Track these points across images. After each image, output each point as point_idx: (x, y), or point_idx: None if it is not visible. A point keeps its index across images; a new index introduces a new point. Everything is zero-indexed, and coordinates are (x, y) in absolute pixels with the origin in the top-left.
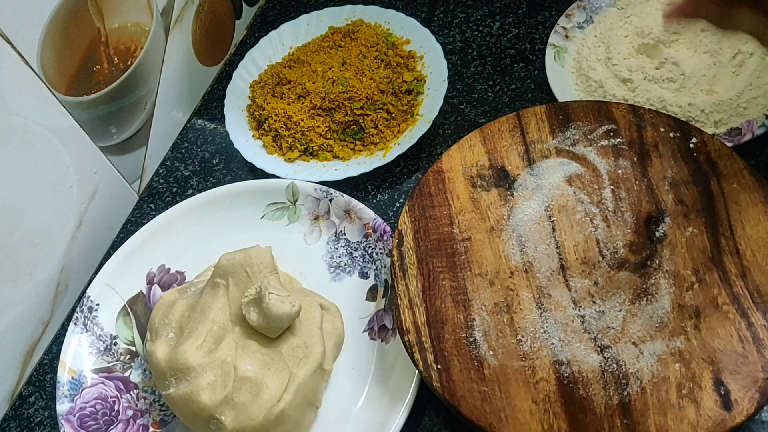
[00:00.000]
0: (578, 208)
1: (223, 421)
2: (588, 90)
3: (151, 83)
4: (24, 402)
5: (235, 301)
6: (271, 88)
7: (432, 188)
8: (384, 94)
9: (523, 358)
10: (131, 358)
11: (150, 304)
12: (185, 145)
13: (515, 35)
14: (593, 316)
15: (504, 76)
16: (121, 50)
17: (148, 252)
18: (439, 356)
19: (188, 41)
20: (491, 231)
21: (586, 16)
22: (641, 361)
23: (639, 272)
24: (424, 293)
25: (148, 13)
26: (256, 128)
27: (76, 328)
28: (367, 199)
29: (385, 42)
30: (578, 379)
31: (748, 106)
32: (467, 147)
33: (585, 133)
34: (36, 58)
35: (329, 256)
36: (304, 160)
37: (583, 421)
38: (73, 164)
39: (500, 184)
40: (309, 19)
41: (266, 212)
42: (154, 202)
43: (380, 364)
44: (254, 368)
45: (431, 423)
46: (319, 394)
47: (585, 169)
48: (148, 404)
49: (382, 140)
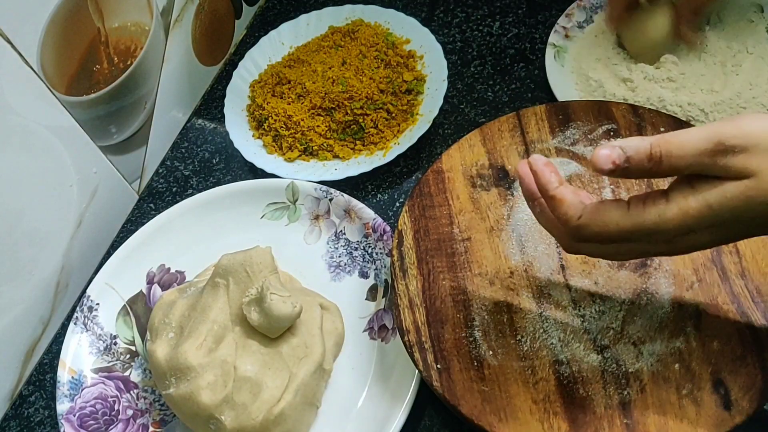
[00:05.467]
0: None
1: (223, 420)
2: (588, 89)
3: (151, 83)
4: (24, 401)
5: (236, 300)
6: (271, 87)
7: (432, 188)
8: (384, 94)
9: (522, 357)
10: (131, 357)
11: (150, 303)
12: (185, 145)
13: (515, 35)
14: (593, 316)
15: (504, 76)
16: (121, 50)
17: (148, 252)
18: (439, 356)
19: (188, 41)
20: (491, 231)
21: (586, 15)
22: (641, 361)
23: (639, 272)
24: (424, 293)
25: (148, 13)
26: (256, 128)
27: (76, 327)
28: (367, 199)
29: (385, 42)
30: (578, 378)
31: (748, 105)
32: (467, 147)
33: (585, 132)
34: (36, 57)
35: (329, 255)
36: (304, 160)
37: (582, 421)
38: (73, 164)
39: (500, 184)
40: (309, 19)
41: (266, 212)
42: (154, 201)
43: (380, 363)
44: (254, 368)
45: (431, 423)
46: (319, 394)
47: (585, 168)
48: (148, 404)
49: (382, 140)
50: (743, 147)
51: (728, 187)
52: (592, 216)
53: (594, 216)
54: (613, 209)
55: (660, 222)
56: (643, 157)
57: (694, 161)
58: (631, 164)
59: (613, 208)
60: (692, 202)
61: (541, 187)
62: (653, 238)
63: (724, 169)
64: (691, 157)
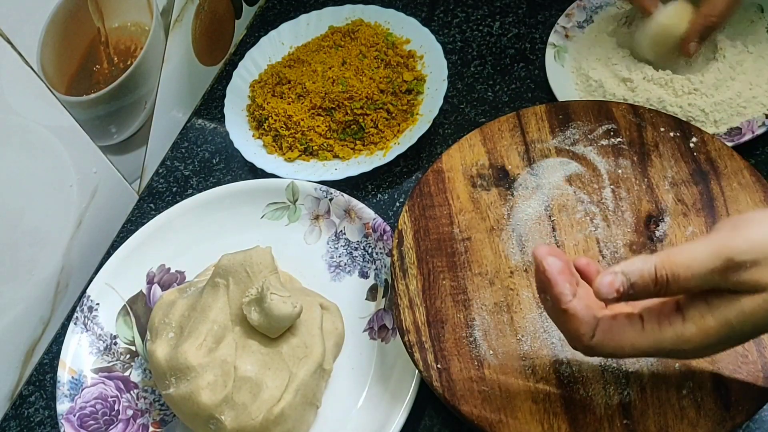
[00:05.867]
0: (578, 207)
1: (223, 420)
2: (588, 89)
3: (151, 83)
4: (24, 401)
5: (236, 300)
6: (271, 87)
7: (432, 188)
8: (384, 94)
9: (523, 357)
10: (131, 357)
11: (150, 303)
12: (185, 145)
13: (515, 35)
14: None
15: (504, 76)
16: (121, 50)
17: (148, 252)
18: (439, 356)
19: (188, 41)
20: (491, 230)
21: (586, 15)
22: (641, 361)
23: None
24: (424, 293)
25: (148, 13)
26: (256, 128)
27: (76, 327)
28: (367, 199)
29: (385, 41)
30: (578, 378)
31: (748, 105)
32: (467, 146)
33: (585, 132)
34: (36, 57)
35: (329, 255)
36: (304, 160)
37: (583, 421)
38: (73, 164)
39: (500, 184)
40: (309, 19)
41: (266, 212)
42: (154, 201)
43: (380, 364)
44: (254, 368)
45: (431, 423)
46: (319, 394)
47: (585, 168)
48: (148, 404)
49: (382, 140)
50: (754, 261)
51: (746, 302)
52: (606, 336)
53: (608, 336)
54: (627, 328)
55: (679, 342)
56: (648, 282)
57: (703, 281)
58: (635, 290)
59: (628, 327)
60: (711, 322)
61: (554, 297)
62: (671, 355)
63: (738, 285)
64: (699, 277)
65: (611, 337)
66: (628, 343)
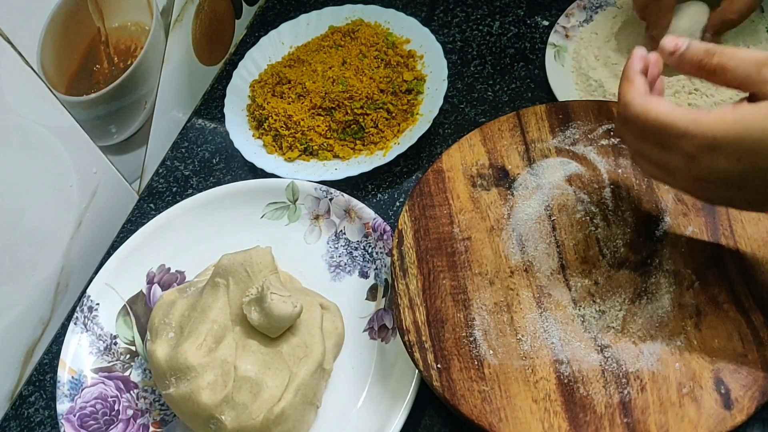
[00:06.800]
0: (578, 207)
1: (223, 420)
2: (588, 89)
3: (151, 83)
4: (24, 401)
5: (236, 300)
6: (271, 87)
7: (432, 188)
8: (384, 94)
9: (523, 357)
10: (131, 357)
11: (150, 303)
12: (185, 145)
13: (515, 34)
14: (593, 316)
15: (504, 76)
16: (121, 50)
17: (148, 252)
18: (439, 355)
19: (188, 41)
20: (491, 230)
21: (586, 15)
22: (641, 361)
23: (639, 271)
24: (424, 292)
25: (148, 13)
26: (256, 128)
27: (76, 327)
28: (367, 199)
29: (385, 41)
30: (578, 378)
31: None
32: (467, 146)
33: (585, 132)
34: (36, 57)
35: (329, 255)
36: (304, 160)
37: (583, 420)
38: (73, 164)
39: (500, 184)
40: (309, 19)
41: (266, 212)
42: (154, 201)
43: (380, 363)
44: (254, 368)
45: (431, 423)
46: (319, 393)
47: (585, 168)
48: (148, 404)
49: (382, 140)
50: None
51: (763, 104)
52: (642, 100)
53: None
54: (662, 102)
55: (692, 125)
56: (701, 54)
57: (741, 65)
58: (688, 55)
59: (662, 102)
60: (728, 114)
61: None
62: (681, 144)
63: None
64: (739, 59)
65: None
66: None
